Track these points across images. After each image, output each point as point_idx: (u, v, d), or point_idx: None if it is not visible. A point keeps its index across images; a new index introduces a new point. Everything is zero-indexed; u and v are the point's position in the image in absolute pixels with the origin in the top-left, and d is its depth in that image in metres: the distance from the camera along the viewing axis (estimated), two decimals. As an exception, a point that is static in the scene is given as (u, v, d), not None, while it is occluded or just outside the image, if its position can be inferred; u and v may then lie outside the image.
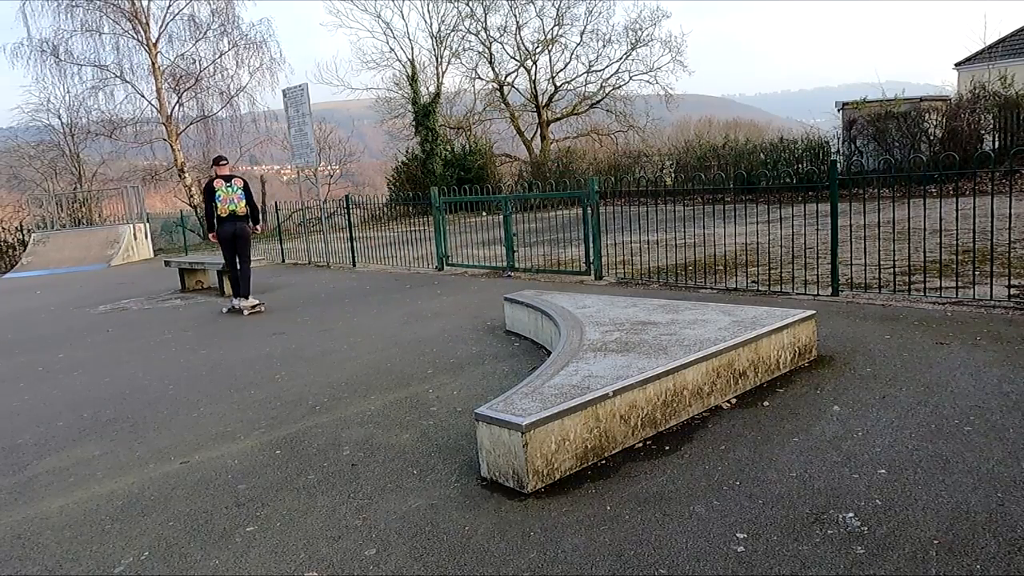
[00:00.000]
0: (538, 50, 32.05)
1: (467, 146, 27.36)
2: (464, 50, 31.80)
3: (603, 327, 4.76)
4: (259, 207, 8.90)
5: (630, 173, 21.30)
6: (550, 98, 32.65)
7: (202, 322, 8.64)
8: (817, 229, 7.78)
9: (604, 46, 33.56)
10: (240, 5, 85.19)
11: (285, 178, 41.95)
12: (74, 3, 25.85)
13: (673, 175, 21.36)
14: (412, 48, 41.99)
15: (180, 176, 28.16)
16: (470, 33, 31.60)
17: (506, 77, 32.59)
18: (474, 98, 32.71)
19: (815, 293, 6.62)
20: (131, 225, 19.71)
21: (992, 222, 5.87)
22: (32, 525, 3.41)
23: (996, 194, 6.18)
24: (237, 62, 28.36)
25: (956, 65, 24.68)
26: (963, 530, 2.58)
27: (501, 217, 10.12)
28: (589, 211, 8.74)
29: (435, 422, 4.26)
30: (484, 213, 19.12)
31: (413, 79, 28.20)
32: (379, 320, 7.64)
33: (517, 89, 32.86)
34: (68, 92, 27.37)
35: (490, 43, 31.85)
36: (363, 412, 4.58)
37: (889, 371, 4.32)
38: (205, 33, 27.86)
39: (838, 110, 19.71)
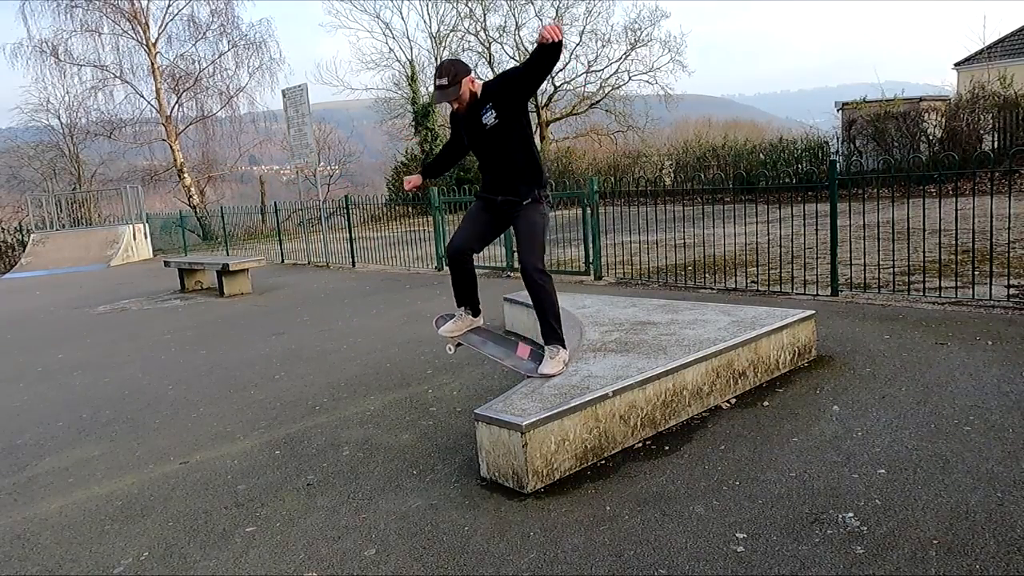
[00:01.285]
0: (538, 50, 32.01)
1: (467, 146, 27.31)
2: (463, 50, 31.81)
3: (602, 327, 4.76)
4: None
5: (629, 173, 21.30)
6: (549, 98, 32.67)
7: (202, 322, 8.64)
8: (816, 229, 7.77)
9: (603, 46, 33.66)
10: (240, 5, 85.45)
11: (284, 178, 41.95)
12: (74, 3, 25.88)
13: (672, 175, 21.36)
14: (411, 48, 41.95)
15: (179, 176, 28.16)
16: (469, 33, 31.64)
17: (506, 77, 32.56)
18: (474, 98, 32.66)
19: (815, 293, 6.62)
20: (130, 225, 19.70)
21: (991, 222, 5.88)
22: (32, 525, 3.41)
23: (995, 194, 6.18)
24: (236, 62, 28.43)
25: (956, 65, 24.70)
26: (963, 530, 2.58)
27: (501, 217, 10.11)
28: (589, 211, 8.73)
29: (434, 422, 4.26)
30: (484, 213, 19.07)
31: (413, 79, 28.22)
32: (379, 320, 7.63)
33: (517, 89, 32.81)
34: (68, 92, 27.45)
35: (489, 43, 31.88)
36: (363, 412, 4.58)
37: (889, 371, 4.32)
38: (204, 33, 27.90)
39: (837, 110, 19.71)
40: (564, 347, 3.89)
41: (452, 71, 3.68)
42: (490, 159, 3.91)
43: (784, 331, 4.44)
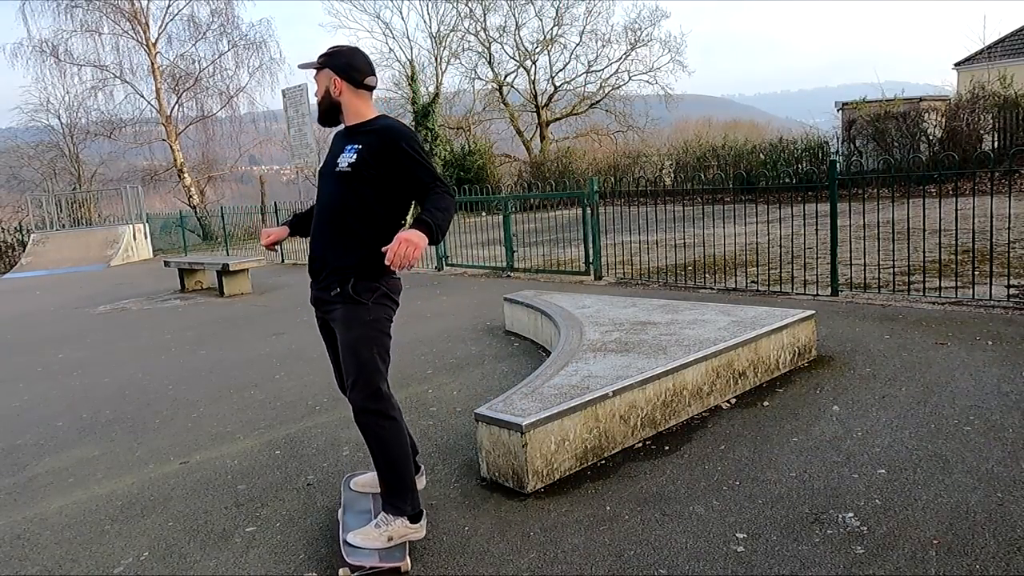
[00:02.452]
0: (537, 50, 32.09)
1: (466, 146, 27.39)
2: (463, 50, 31.89)
3: (603, 327, 4.76)
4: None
5: (629, 173, 21.30)
6: (549, 98, 32.70)
7: (202, 322, 8.64)
8: (816, 229, 7.78)
9: (603, 46, 33.77)
10: (240, 5, 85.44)
11: (284, 178, 41.96)
12: (74, 3, 25.91)
13: (672, 175, 21.37)
14: (411, 48, 42.02)
15: (179, 176, 28.17)
16: (469, 33, 31.67)
17: (505, 77, 32.64)
18: (473, 98, 32.76)
19: (815, 293, 6.62)
20: (130, 225, 19.70)
21: (991, 222, 5.88)
22: (32, 525, 3.41)
23: (995, 194, 6.19)
24: (236, 62, 28.48)
25: (956, 65, 24.72)
26: (963, 530, 2.58)
27: (501, 217, 10.12)
28: (589, 211, 8.74)
29: (435, 422, 4.26)
30: (484, 213, 19.12)
31: (412, 79, 28.22)
32: (379, 320, 7.61)
33: (516, 89, 32.91)
34: (68, 92, 27.53)
35: (489, 43, 31.90)
36: (363, 412, 4.57)
37: (888, 371, 4.32)
38: (204, 33, 27.94)
39: (837, 110, 19.73)
40: (400, 515, 2.72)
41: (328, 53, 2.67)
42: (321, 216, 2.69)
43: (784, 331, 4.44)
